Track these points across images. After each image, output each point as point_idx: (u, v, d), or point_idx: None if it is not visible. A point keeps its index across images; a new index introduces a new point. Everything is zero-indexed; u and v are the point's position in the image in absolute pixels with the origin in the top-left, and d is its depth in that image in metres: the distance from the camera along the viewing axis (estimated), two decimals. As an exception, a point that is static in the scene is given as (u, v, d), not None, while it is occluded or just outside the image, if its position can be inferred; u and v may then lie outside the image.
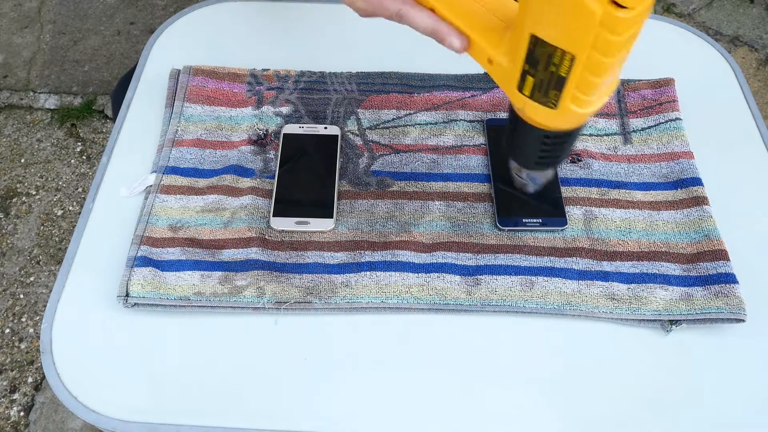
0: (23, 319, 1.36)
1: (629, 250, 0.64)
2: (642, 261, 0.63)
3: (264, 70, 0.77)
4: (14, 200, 1.53)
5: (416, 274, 0.61)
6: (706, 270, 0.62)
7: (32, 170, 1.58)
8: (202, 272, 0.61)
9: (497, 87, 0.76)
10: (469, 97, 0.75)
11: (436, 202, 0.67)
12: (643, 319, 0.60)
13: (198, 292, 0.60)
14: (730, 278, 0.60)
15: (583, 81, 0.42)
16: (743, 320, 0.59)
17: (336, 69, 0.77)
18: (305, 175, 0.68)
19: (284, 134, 0.71)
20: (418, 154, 0.71)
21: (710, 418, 0.56)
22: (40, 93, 1.73)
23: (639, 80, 0.77)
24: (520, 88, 0.45)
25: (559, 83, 0.42)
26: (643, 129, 0.73)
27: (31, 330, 1.35)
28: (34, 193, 1.54)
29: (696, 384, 0.57)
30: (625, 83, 0.76)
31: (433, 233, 0.65)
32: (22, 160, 1.60)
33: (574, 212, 0.66)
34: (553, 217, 0.65)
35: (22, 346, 1.33)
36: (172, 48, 0.81)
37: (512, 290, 0.61)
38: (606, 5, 0.37)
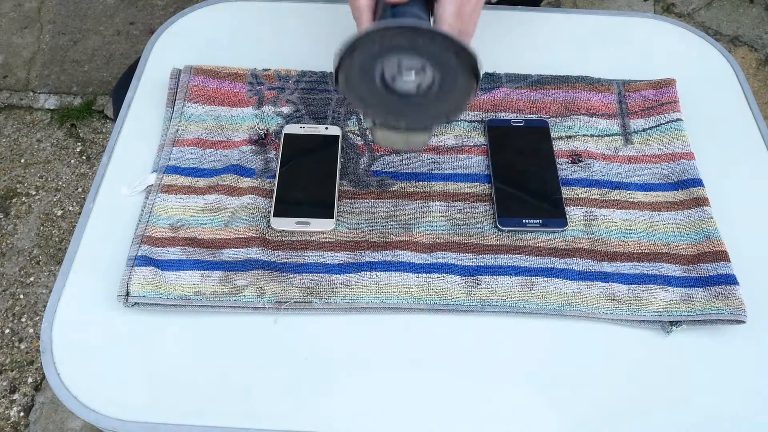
0: (23, 319, 1.36)
1: (630, 251, 0.63)
2: (642, 262, 0.63)
3: (265, 70, 0.77)
4: (14, 200, 1.53)
5: (416, 275, 0.61)
6: (706, 271, 0.62)
7: (32, 170, 1.58)
8: (203, 272, 0.61)
9: (497, 87, 0.76)
10: (469, 97, 0.75)
11: (437, 203, 0.67)
12: (644, 320, 0.60)
13: (198, 292, 0.60)
14: (730, 279, 0.60)
15: None
16: (744, 321, 0.59)
17: (336, 69, 0.77)
18: (306, 175, 0.68)
19: (285, 134, 0.71)
20: (418, 154, 0.71)
21: (710, 419, 0.56)
22: (39, 93, 1.73)
23: (640, 81, 0.77)
24: None
25: None
26: (644, 130, 0.73)
27: (31, 330, 1.35)
28: (34, 193, 1.54)
29: (696, 385, 0.57)
30: (626, 84, 0.76)
31: (433, 233, 0.65)
32: (22, 161, 1.60)
33: (574, 213, 0.66)
34: (553, 218, 0.65)
35: (22, 346, 1.33)
36: (173, 48, 0.81)
37: (512, 291, 0.61)
38: None
